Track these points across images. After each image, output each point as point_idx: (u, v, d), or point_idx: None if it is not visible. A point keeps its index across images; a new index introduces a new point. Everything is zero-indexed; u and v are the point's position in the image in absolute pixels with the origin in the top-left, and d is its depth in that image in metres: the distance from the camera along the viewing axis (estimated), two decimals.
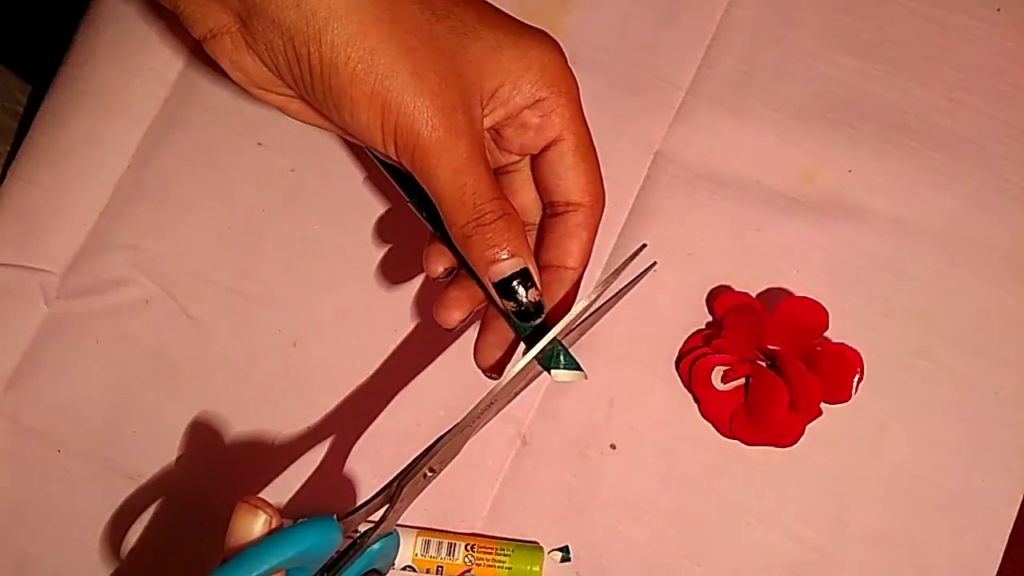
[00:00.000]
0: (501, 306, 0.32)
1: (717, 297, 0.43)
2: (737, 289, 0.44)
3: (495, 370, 0.35)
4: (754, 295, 0.44)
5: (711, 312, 0.44)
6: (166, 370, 0.45)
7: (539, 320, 0.32)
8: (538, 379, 0.44)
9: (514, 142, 0.34)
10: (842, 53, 0.47)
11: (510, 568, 0.41)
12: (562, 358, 0.32)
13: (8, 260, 0.46)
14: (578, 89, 0.33)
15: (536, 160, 0.34)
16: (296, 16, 0.28)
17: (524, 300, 0.31)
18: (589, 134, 0.34)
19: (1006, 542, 0.42)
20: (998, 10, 0.47)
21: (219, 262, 0.46)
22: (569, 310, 0.32)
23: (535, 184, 0.35)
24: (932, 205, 0.45)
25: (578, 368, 0.32)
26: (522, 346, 0.34)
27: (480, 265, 0.31)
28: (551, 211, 0.35)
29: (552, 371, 0.32)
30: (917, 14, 0.47)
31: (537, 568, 0.41)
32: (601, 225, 0.45)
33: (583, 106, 0.36)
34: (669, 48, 0.47)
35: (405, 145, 0.29)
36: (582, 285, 0.35)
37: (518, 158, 0.35)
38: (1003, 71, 0.46)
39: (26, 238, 0.46)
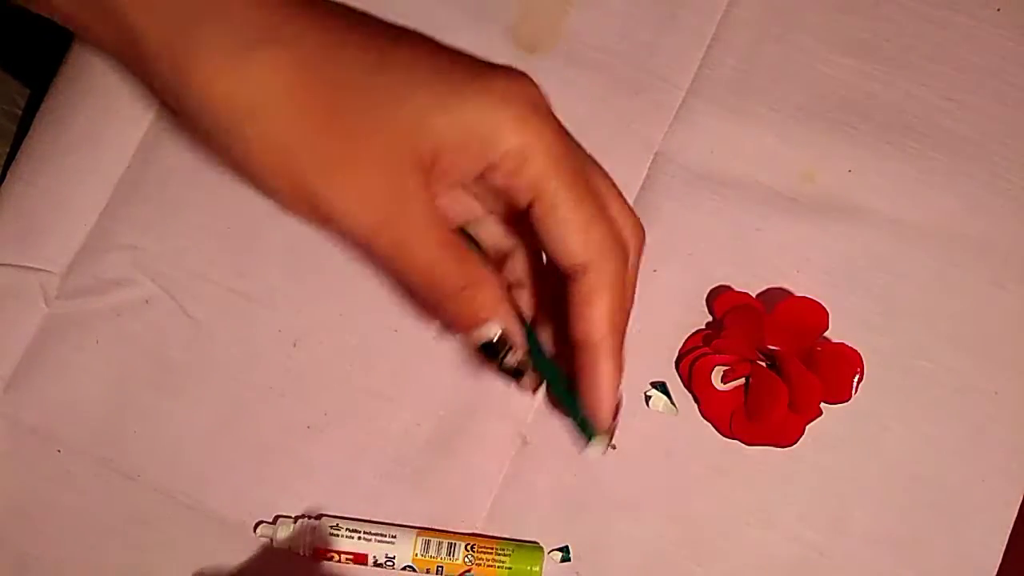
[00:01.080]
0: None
1: (717, 297, 0.43)
2: (737, 289, 0.44)
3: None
4: (754, 295, 0.44)
5: (711, 312, 0.44)
6: (166, 370, 0.45)
7: (521, 377, 0.32)
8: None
9: (498, 198, 0.32)
10: (842, 53, 0.47)
11: (510, 568, 0.41)
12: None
13: (8, 260, 0.46)
14: (553, 132, 0.29)
15: (527, 218, 0.30)
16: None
17: (506, 365, 0.31)
18: (577, 177, 0.30)
19: (1006, 542, 0.42)
20: (998, 10, 0.47)
21: (219, 262, 0.46)
22: (606, 385, 0.32)
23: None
24: (932, 205, 0.45)
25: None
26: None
27: (461, 332, 0.31)
28: (564, 277, 0.31)
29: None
30: (917, 14, 0.47)
31: (537, 568, 0.41)
32: None
33: (586, 106, 0.35)
34: (669, 48, 0.47)
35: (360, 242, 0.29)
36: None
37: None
38: (1003, 71, 0.46)
39: (26, 238, 0.46)
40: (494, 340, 0.30)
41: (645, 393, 0.44)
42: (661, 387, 0.44)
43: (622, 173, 0.46)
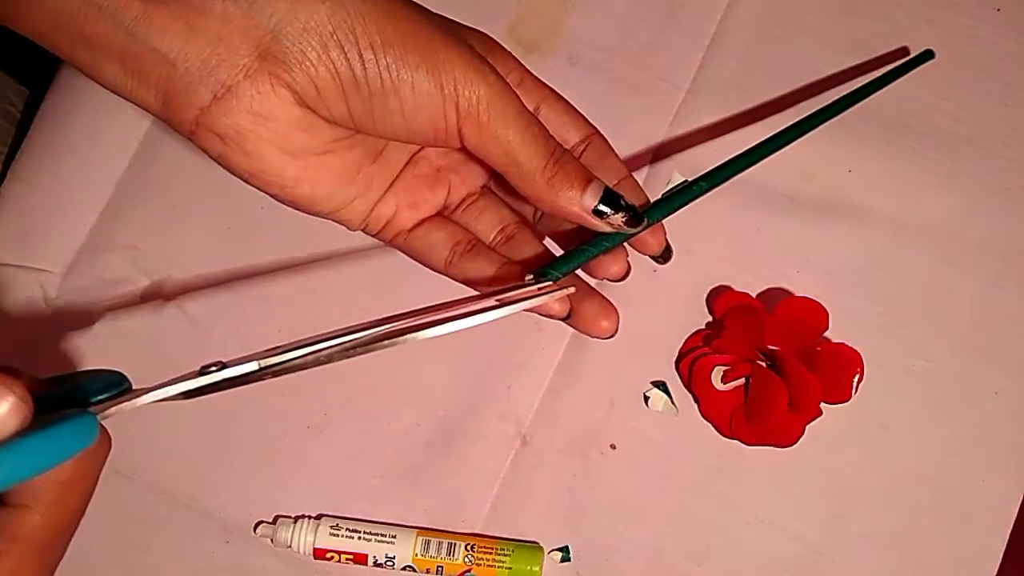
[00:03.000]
0: (608, 228, 0.31)
1: (717, 297, 0.43)
2: (737, 289, 0.44)
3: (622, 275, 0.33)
4: (754, 295, 0.44)
5: (711, 312, 0.44)
6: (165, 370, 0.45)
7: (645, 220, 0.32)
8: (537, 377, 0.44)
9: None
10: (842, 53, 0.47)
11: (510, 568, 0.41)
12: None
13: (8, 260, 0.46)
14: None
15: None
16: (332, 5, 0.27)
17: (628, 203, 0.30)
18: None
19: (1006, 542, 0.42)
20: (998, 10, 0.47)
21: (219, 262, 0.46)
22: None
23: None
24: (932, 205, 0.45)
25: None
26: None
27: (571, 202, 0.30)
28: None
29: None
30: (917, 14, 0.47)
31: (537, 568, 0.41)
32: None
33: (586, 106, 0.35)
34: (669, 48, 0.47)
35: (468, 104, 0.28)
36: None
37: (482, 183, 0.35)
38: (1003, 71, 0.46)
39: (26, 238, 0.46)
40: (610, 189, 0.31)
41: (645, 393, 0.44)
42: (661, 387, 0.44)
43: None
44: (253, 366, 0.28)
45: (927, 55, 0.43)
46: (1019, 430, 0.43)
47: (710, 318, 0.44)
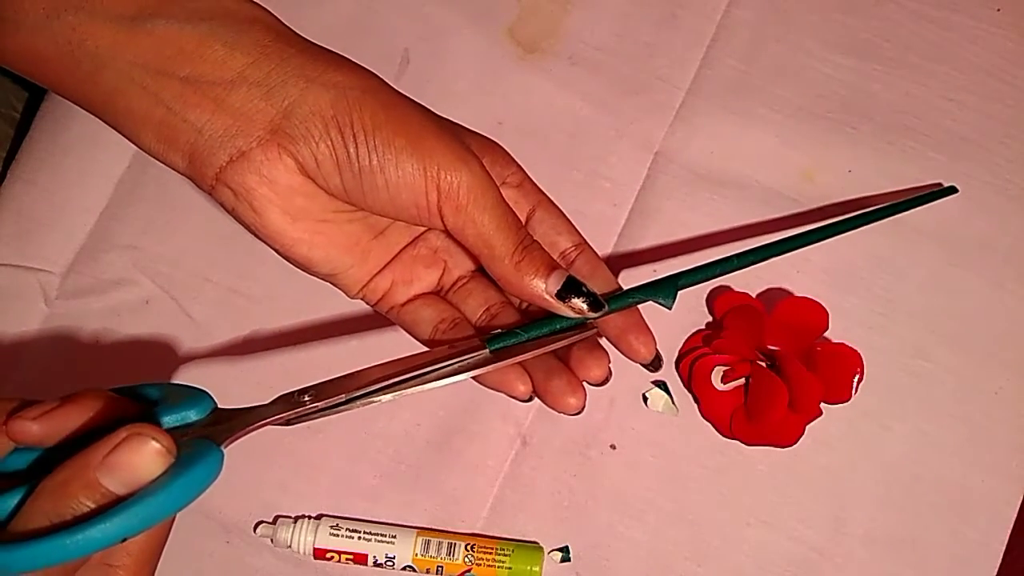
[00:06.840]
0: (571, 312, 0.33)
1: (717, 297, 0.43)
2: (737, 289, 0.44)
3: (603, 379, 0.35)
4: (754, 295, 0.44)
5: (711, 312, 0.44)
6: (166, 370, 0.45)
7: (606, 306, 0.33)
8: None
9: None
10: (842, 53, 0.47)
11: (510, 568, 0.41)
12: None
13: (8, 260, 0.46)
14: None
15: None
16: (335, 94, 0.31)
17: (589, 290, 0.32)
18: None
19: (1006, 542, 0.42)
20: (998, 10, 0.47)
21: (219, 262, 0.46)
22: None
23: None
24: (932, 205, 0.45)
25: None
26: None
27: (535, 287, 0.32)
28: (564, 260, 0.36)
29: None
30: (917, 14, 0.47)
31: (537, 568, 0.41)
32: (601, 225, 0.46)
33: (586, 106, 0.36)
34: (669, 48, 0.47)
35: (449, 187, 0.31)
36: None
37: (474, 267, 0.36)
38: (1003, 71, 0.46)
39: (26, 238, 0.46)
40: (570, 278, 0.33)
41: (645, 393, 0.44)
42: (661, 387, 0.44)
43: (622, 173, 0.46)
44: (342, 398, 0.34)
45: (951, 190, 0.43)
46: (1019, 430, 0.43)
47: (710, 318, 0.44)
